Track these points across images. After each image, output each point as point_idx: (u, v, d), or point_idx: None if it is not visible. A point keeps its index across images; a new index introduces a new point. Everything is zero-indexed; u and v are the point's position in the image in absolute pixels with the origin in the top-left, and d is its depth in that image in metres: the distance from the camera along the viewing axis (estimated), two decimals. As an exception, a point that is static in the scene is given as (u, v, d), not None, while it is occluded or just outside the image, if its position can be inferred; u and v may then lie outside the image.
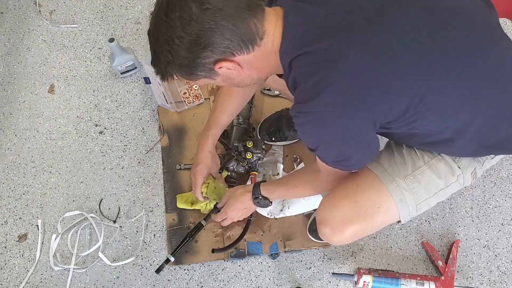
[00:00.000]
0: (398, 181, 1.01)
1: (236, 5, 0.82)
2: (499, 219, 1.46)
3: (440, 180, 1.02)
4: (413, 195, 1.01)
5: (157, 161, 1.53)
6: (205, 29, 0.81)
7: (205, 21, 0.80)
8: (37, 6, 1.81)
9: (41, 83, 1.67)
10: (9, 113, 1.62)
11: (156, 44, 0.85)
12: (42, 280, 1.38)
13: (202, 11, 0.80)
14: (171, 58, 0.85)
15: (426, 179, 1.02)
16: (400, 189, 1.01)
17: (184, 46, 0.82)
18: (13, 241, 1.43)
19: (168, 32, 0.82)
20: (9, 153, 1.55)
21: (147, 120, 1.60)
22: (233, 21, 0.81)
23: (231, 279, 1.38)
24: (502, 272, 1.39)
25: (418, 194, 1.01)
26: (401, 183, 1.01)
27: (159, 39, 0.84)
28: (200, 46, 0.82)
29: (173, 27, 0.81)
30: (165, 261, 1.31)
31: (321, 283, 1.37)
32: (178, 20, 0.80)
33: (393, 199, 1.01)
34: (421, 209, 1.04)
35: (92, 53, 1.73)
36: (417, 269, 1.39)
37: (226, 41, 0.83)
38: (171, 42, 0.83)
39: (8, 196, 1.49)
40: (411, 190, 1.01)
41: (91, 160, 1.54)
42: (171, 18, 0.81)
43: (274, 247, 1.39)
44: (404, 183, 1.01)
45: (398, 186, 1.01)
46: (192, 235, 1.33)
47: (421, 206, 1.03)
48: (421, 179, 1.01)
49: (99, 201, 1.48)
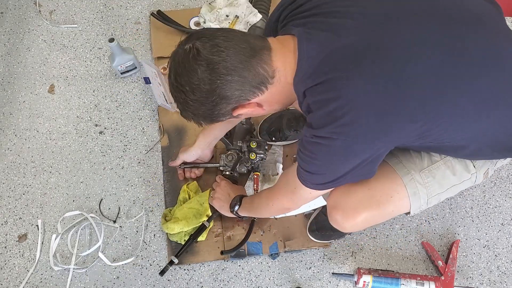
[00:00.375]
0: (413, 174, 1.02)
1: (240, 56, 0.85)
2: (499, 219, 1.46)
3: (454, 176, 1.03)
4: (426, 189, 1.03)
5: (157, 161, 1.53)
6: (213, 88, 0.85)
7: (213, 81, 0.84)
8: (37, 6, 1.81)
9: (41, 83, 1.67)
10: (9, 113, 1.62)
11: (177, 103, 0.93)
12: (42, 280, 1.38)
13: (208, 73, 0.84)
14: (192, 115, 0.92)
15: (441, 174, 1.03)
16: (414, 182, 1.02)
17: (199, 104, 0.88)
18: (13, 241, 1.43)
19: (181, 95, 0.88)
20: (9, 153, 1.55)
21: (147, 120, 1.60)
22: (239, 73, 0.85)
23: (231, 279, 1.38)
24: (502, 272, 1.39)
25: (431, 189, 1.03)
26: (416, 176, 1.02)
27: (177, 100, 0.91)
28: (214, 103, 0.88)
29: (185, 92, 0.87)
30: (169, 263, 1.33)
31: (321, 283, 1.37)
32: (187, 85, 0.86)
33: (406, 191, 1.02)
34: (431, 203, 1.06)
35: (92, 53, 1.73)
36: (417, 269, 1.39)
37: (237, 91, 0.86)
38: (187, 104, 0.90)
39: (8, 196, 1.49)
40: (425, 184, 1.02)
41: (91, 160, 1.54)
42: (181, 84, 0.87)
43: (274, 247, 1.39)
44: (419, 176, 1.02)
45: (413, 179, 1.02)
46: (195, 236, 1.35)
47: (432, 200, 1.05)
48: (436, 174, 1.03)
49: (99, 201, 1.48)
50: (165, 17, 1.70)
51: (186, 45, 0.86)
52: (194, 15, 1.73)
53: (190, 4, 1.82)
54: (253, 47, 0.86)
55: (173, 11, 1.78)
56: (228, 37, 0.86)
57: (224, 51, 0.84)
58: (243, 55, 0.85)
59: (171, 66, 0.89)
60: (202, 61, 0.84)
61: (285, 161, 1.51)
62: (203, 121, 0.94)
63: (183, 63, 0.86)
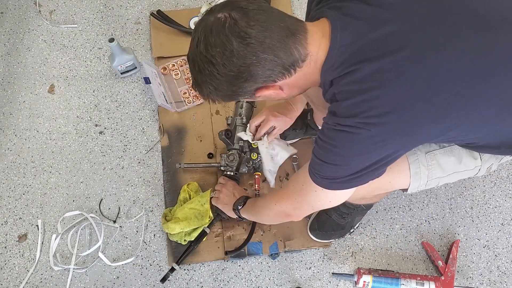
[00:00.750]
0: (419, 154, 1.03)
1: (278, 34, 0.80)
2: (499, 219, 1.46)
3: (459, 164, 1.03)
4: (428, 171, 1.03)
5: (157, 161, 1.53)
6: (247, 64, 0.80)
7: (247, 56, 0.80)
8: (37, 6, 1.81)
9: (41, 83, 1.67)
10: (9, 113, 1.62)
11: (198, 74, 0.86)
12: (42, 280, 1.38)
13: (243, 47, 0.79)
14: (213, 89, 0.86)
15: (446, 159, 1.03)
16: (418, 163, 1.03)
17: (226, 80, 0.83)
18: (13, 241, 1.43)
19: (209, 67, 0.82)
20: (9, 153, 1.55)
21: (147, 120, 1.60)
22: (275, 52, 0.81)
23: (231, 279, 1.38)
24: (502, 272, 1.39)
25: (433, 172, 1.03)
26: (420, 157, 1.03)
27: (200, 71, 0.84)
28: (242, 80, 0.83)
29: (214, 63, 0.81)
30: (170, 270, 1.33)
31: (321, 283, 1.37)
32: (219, 56, 0.80)
33: (409, 169, 1.03)
34: (430, 185, 1.06)
35: (92, 53, 1.73)
36: (417, 269, 1.39)
37: (267, 71, 0.83)
38: (212, 77, 0.83)
39: (8, 196, 1.49)
40: (428, 166, 1.03)
41: (91, 160, 1.54)
42: (212, 54, 0.80)
43: (274, 247, 1.39)
44: (424, 158, 1.03)
45: (417, 159, 1.03)
46: (196, 243, 1.35)
47: (431, 182, 1.06)
48: (441, 158, 1.03)
49: (99, 201, 1.48)
50: (165, 17, 1.70)
51: (219, 14, 0.80)
52: (194, 15, 1.73)
53: (190, 4, 1.82)
54: (290, 27, 0.82)
55: (173, 11, 1.78)
56: (267, 12, 0.81)
57: (263, 26, 0.79)
58: (280, 33, 0.80)
59: (201, 34, 0.81)
60: (240, 32, 0.78)
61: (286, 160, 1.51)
62: (220, 97, 0.89)
63: (217, 32, 0.79)
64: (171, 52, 1.68)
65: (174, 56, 1.67)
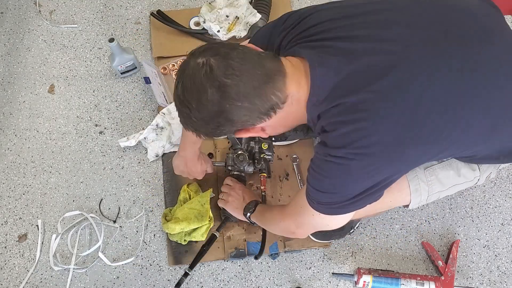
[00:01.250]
0: (417, 171, 1.03)
1: (255, 83, 0.81)
2: (499, 219, 1.46)
3: (458, 177, 1.04)
4: (428, 187, 1.04)
5: (157, 161, 1.53)
6: (222, 111, 0.82)
7: (221, 104, 0.81)
8: (37, 6, 1.81)
9: (41, 83, 1.67)
10: (9, 113, 1.62)
11: (179, 114, 0.88)
12: (42, 280, 1.38)
13: (218, 95, 0.80)
14: (193, 129, 0.89)
15: (445, 174, 1.04)
16: (418, 180, 1.03)
17: (203, 122, 0.86)
18: (13, 241, 1.43)
19: (186, 110, 0.85)
20: (9, 153, 1.55)
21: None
22: (250, 99, 0.82)
23: (231, 279, 1.38)
24: (502, 272, 1.39)
25: (433, 187, 1.04)
26: (420, 174, 1.03)
27: (180, 111, 0.87)
28: (219, 125, 0.85)
29: (190, 108, 0.84)
30: (184, 275, 1.31)
31: (321, 283, 1.37)
32: (194, 102, 0.82)
33: (408, 186, 1.03)
34: (431, 199, 1.07)
35: (92, 53, 1.73)
36: (417, 269, 1.39)
37: (244, 117, 0.84)
38: (189, 119, 0.86)
39: (8, 196, 1.49)
40: (428, 182, 1.04)
41: (91, 160, 1.54)
42: (188, 100, 0.83)
43: (274, 247, 1.39)
44: (423, 174, 1.03)
45: (416, 176, 1.03)
46: (207, 247, 1.33)
47: (431, 197, 1.06)
48: (440, 173, 1.04)
49: (99, 201, 1.48)
50: (165, 17, 1.70)
51: (199, 59, 0.82)
52: (194, 15, 1.73)
53: (190, 4, 1.82)
54: (268, 73, 0.83)
55: (173, 11, 1.78)
56: (244, 59, 0.82)
57: (239, 75, 0.80)
58: (257, 81, 0.82)
59: (180, 78, 0.85)
60: (214, 81, 0.80)
61: (285, 160, 1.51)
62: (203, 136, 0.91)
63: (193, 79, 0.82)
64: (171, 52, 1.68)
65: (174, 56, 1.67)
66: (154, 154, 1.51)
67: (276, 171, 1.50)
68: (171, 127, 1.49)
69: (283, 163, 1.51)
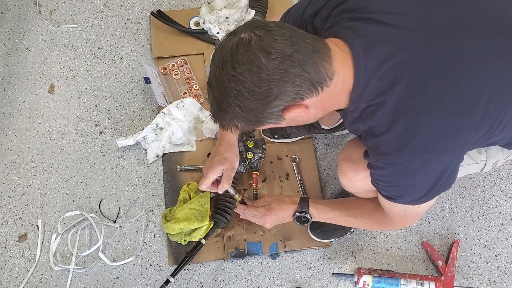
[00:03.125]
0: None
1: (305, 49, 0.79)
2: (499, 219, 1.46)
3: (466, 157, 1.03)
4: None
5: (157, 161, 1.53)
6: (276, 80, 0.78)
7: (276, 71, 0.77)
8: (37, 6, 1.81)
9: (41, 83, 1.67)
10: (9, 113, 1.62)
11: (222, 97, 0.82)
12: (42, 280, 1.38)
13: (271, 61, 0.77)
14: (239, 111, 0.82)
15: None
16: None
17: (255, 98, 0.80)
18: (13, 241, 1.43)
19: (237, 86, 0.79)
20: (9, 153, 1.55)
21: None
22: (303, 66, 0.78)
23: (231, 279, 1.38)
24: (502, 272, 1.39)
25: None
26: None
27: (226, 93, 0.81)
28: (271, 97, 0.80)
29: (242, 81, 0.78)
30: (165, 283, 1.31)
31: (321, 283, 1.37)
32: (247, 73, 0.78)
33: None
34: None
35: (92, 53, 1.73)
36: (417, 269, 1.39)
37: (296, 87, 0.80)
38: (240, 97, 0.80)
39: (8, 196, 1.49)
40: None
41: (91, 160, 1.54)
42: (239, 72, 0.78)
43: (274, 247, 1.39)
44: None
45: None
46: (192, 254, 1.33)
47: None
48: None
49: (99, 201, 1.48)
50: (165, 17, 1.70)
51: (242, 34, 0.79)
52: (194, 15, 1.73)
53: (190, 4, 1.82)
54: (314, 44, 0.81)
55: (173, 11, 1.78)
56: (290, 29, 0.80)
57: (290, 41, 0.78)
58: (307, 49, 0.79)
59: (225, 54, 0.79)
60: (266, 48, 0.76)
61: (285, 160, 1.51)
62: (245, 121, 0.85)
63: (243, 50, 0.77)
64: (171, 52, 1.68)
65: (174, 56, 1.67)
66: (154, 154, 1.51)
67: (276, 171, 1.50)
68: (171, 127, 1.49)
69: (283, 163, 1.51)
